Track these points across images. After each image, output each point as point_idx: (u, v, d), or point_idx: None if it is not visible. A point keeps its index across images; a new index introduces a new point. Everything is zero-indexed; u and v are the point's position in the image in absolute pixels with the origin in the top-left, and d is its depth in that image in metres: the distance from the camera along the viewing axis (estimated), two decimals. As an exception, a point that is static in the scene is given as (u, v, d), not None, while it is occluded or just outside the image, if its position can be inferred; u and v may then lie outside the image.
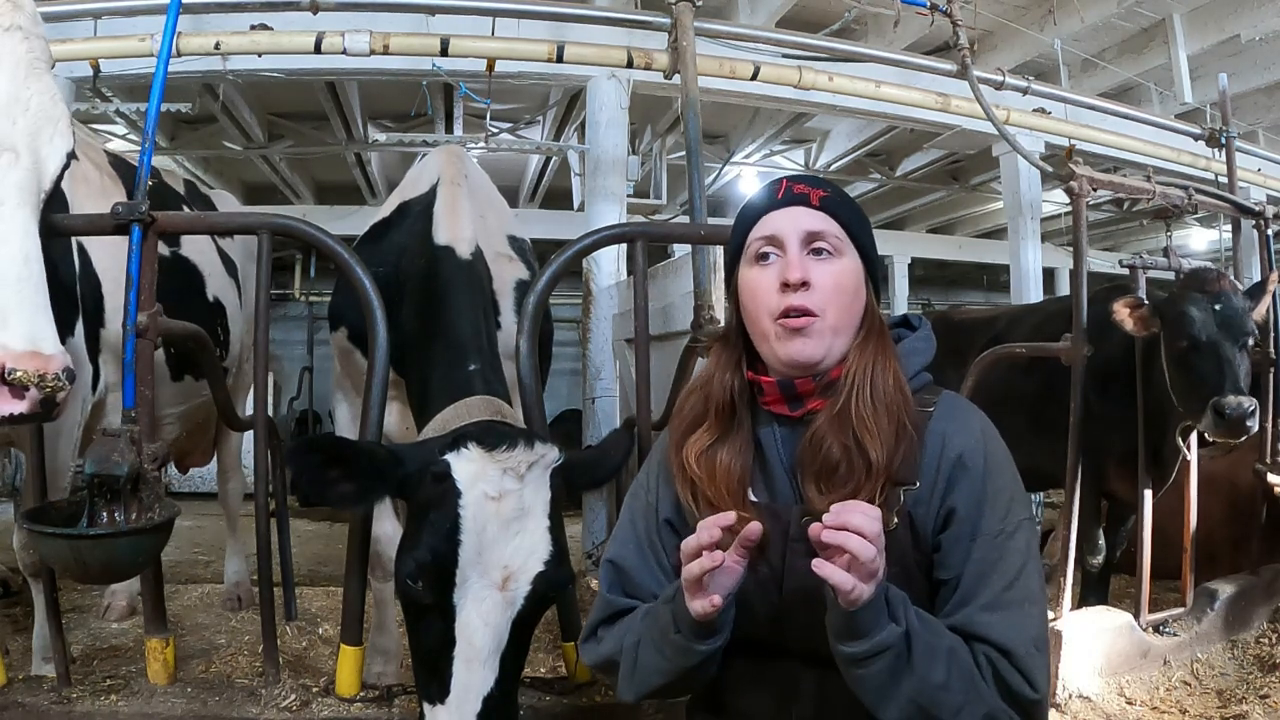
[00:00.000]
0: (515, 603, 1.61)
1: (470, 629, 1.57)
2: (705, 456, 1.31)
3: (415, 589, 1.61)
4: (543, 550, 1.64)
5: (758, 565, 1.26)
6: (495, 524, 1.61)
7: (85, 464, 2.04)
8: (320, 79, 5.67)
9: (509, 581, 1.60)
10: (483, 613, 1.58)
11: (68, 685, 2.23)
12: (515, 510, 1.63)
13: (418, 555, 1.62)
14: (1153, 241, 11.15)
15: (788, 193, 1.31)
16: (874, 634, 1.10)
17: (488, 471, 1.63)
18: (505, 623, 1.59)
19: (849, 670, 1.14)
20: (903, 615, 1.13)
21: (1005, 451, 1.30)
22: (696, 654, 1.20)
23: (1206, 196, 3.29)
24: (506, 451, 1.65)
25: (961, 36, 3.93)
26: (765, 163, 8.29)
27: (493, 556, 1.60)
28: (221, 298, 3.48)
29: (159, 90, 2.30)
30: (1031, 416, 3.36)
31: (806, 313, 1.24)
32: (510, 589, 1.60)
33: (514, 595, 1.60)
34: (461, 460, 1.65)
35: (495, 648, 1.58)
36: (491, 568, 1.59)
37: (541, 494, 1.68)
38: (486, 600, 1.58)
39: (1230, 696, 2.86)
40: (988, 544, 1.21)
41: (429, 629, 1.62)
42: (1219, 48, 5.99)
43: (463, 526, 1.59)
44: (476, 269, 2.41)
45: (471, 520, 1.60)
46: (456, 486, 1.63)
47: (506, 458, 1.65)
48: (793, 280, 1.24)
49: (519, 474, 1.65)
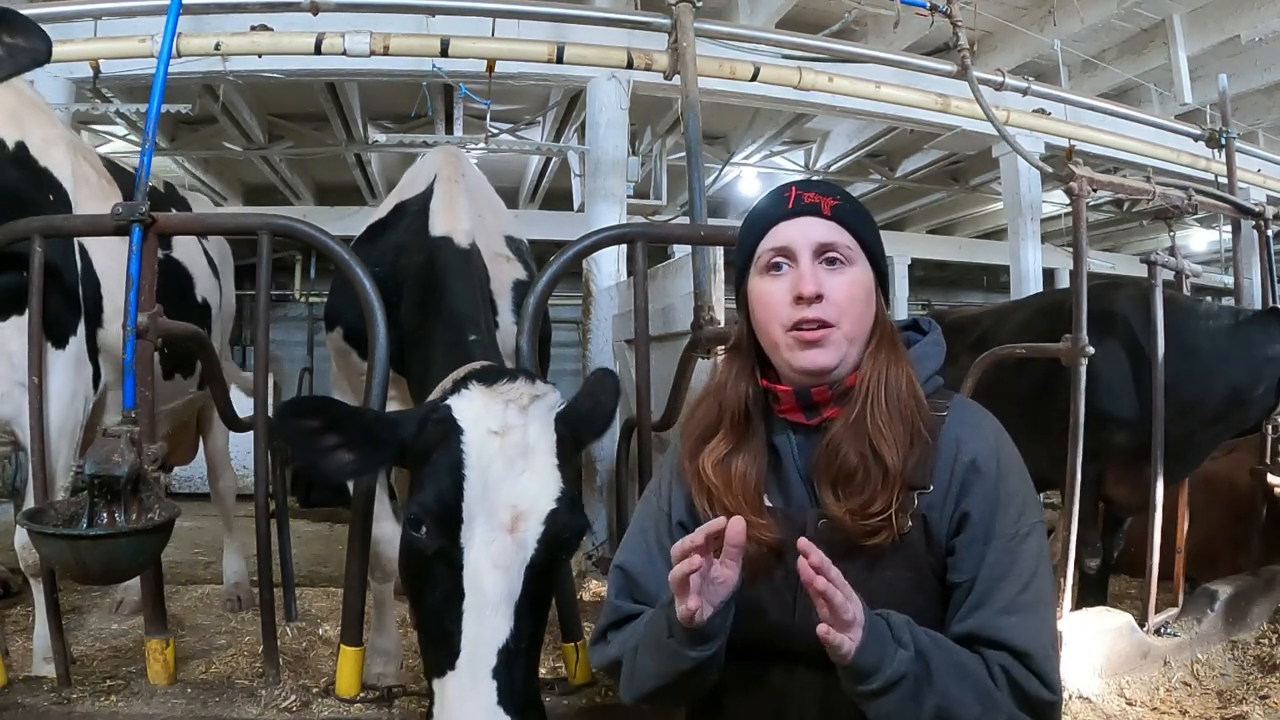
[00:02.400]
0: (527, 545, 1.50)
1: (480, 574, 1.47)
2: (721, 465, 1.31)
3: (419, 538, 1.52)
4: (552, 489, 1.55)
5: (773, 570, 1.26)
6: (500, 461, 1.53)
7: (85, 464, 2.05)
8: (320, 80, 5.67)
9: (519, 522, 1.51)
10: (492, 555, 1.48)
11: (68, 685, 2.23)
12: (520, 446, 1.56)
13: (421, 498, 1.53)
14: (1153, 242, 11.14)
15: (798, 202, 1.30)
16: (884, 668, 1.10)
17: (490, 407, 1.58)
18: (518, 566, 1.49)
19: (868, 705, 1.13)
20: (909, 638, 1.13)
21: (1017, 455, 1.30)
22: (688, 659, 1.20)
23: (1206, 197, 3.29)
24: (508, 384, 1.61)
25: (961, 37, 3.93)
26: (765, 163, 8.29)
27: (499, 495, 1.51)
28: (209, 299, 3.51)
29: (159, 91, 2.30)
30: (1023, 416, 3.33)
31: (823, 324, 1.24)
32: (521, 530, 1.51)
33: (524, 537, 1.51)
34: (462, 400, 1.60)
35: (508, 595, 1.47)
36: (499, 508, 1.51)
37: (547, 432, 1.60)
38: (495, 542, 1.49)
39: (1230, 697, 2.86)
40: (1001, 548, 1.22)
41: (436, 585, 1.53)
42: (1219, 48, 5.99)
43: (466, 463, 1.52)
44: (474, 259, 2.41)
45: (475, 457, 1.53)
46: (458, 425, 1.57)
47: (509, 389, 1.60)
48: (807, 294, 1.24)
49: (521, 406, 1.59)
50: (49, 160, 2.57)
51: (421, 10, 4.49)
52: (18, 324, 2.35)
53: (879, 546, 1.22)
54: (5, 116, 2.53)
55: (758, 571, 1.25)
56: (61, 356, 2.45)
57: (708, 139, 7.51)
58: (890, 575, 1.23)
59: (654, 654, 1.25)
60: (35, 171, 2.52)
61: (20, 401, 2.37)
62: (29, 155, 2.52)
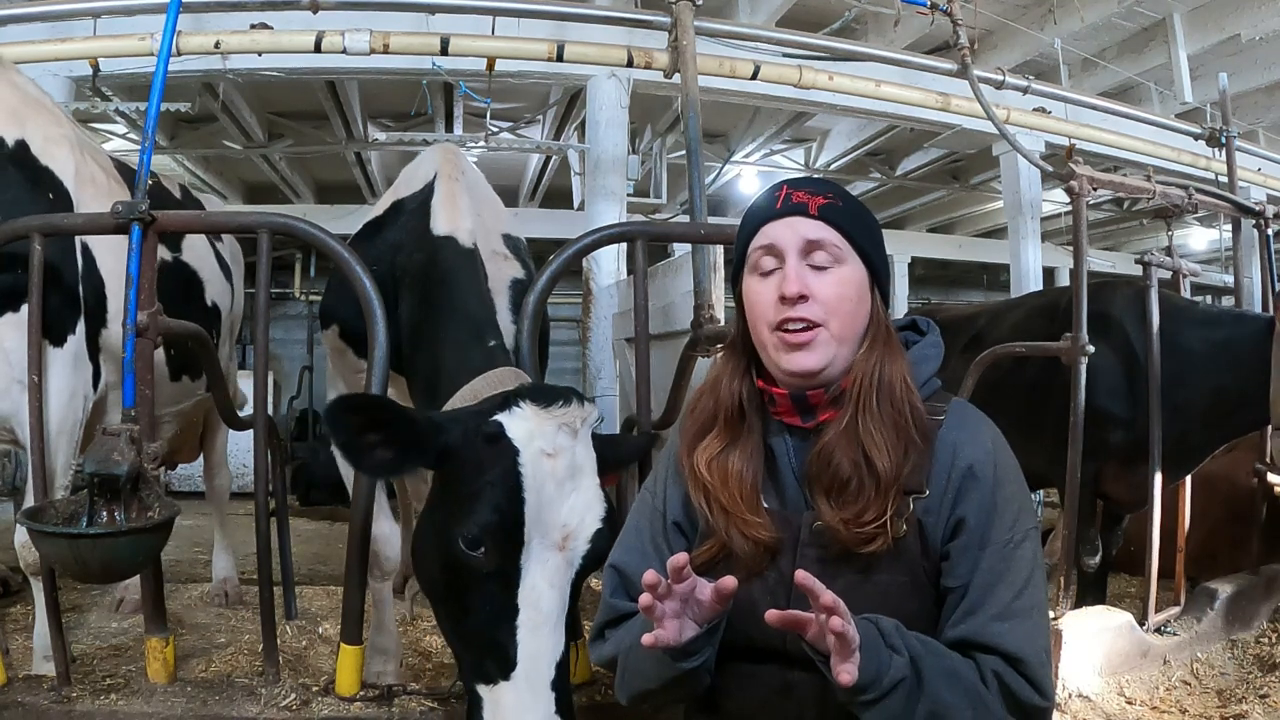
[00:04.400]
0: (574, 563, 1.57)
1: (536, 593, 1.53)
2: (717, 462, 1.31)
3: (476, 557, 1.54)
4: (598, 507, 1.61)
5: (766, 570, 1.26)
6: (552, 482, 1.57)
7: (85, 463, 2.05)
8: (320, 78, 5.66)
9: (568, 541, 1.57)
10: (547, 575, 1.54)
11: (68, 684, 2.23)
12: (569, 468, 1.60)
13: (481, 518, 1.54)
14: (1153, 241, 11.13)
15: (786, 201, 1.29)
16: (882, 678, 1.09)
17: (544, 428, 1.60)
18: (567, 584, 1.56)
19: (862, 711, 1.13)
20: (902, 643, 1.12)
21: (1014, 462, 1.30)
22: (675, 669, 1.20)
23: (1206, 196, 3.29)
24: (562, 408, 1.63)
25: (962, 36, 3.93)
26: (765, 162, 8.29)
27: (552, 516, 1.56)
28: (219, 301, 3.51)
29: (159, 89, 2.30)
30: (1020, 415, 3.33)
31: (809, 324, 1.24)
32: (569, 549, 1.57)
33: (573, 555, 1.57)
34: (515, 419, 1.61)
35: (561, 611, 1.55)
36: (551, 528, 1.56)
37: (590, 452, 1.65)
38: (550, 562, 1.54)
39: (1230, 696, 2.86)
40: (996, 554, 1.22)
41: (485, 602, 1.55)
42: (1219, 47, 5.98)
43: (524, 485, 1.55)
44: (477, 259, 2.40)
45: (531, 479, 1.56)
46: (513, 445, 1.58)
47: (563, 413, 1.62)
48: (789, 294, 1.23)
49: (574, 429, 1.62)
50: (50, 159, 2.56)
51: (421, 8, 4.50)
52: (13, 321, 2.35)
53: (874, 551, 1.21)
54: (6, 115, 2.52)
55: (752, 571, 1.25)
56: (60, 355, 2.45)
57: (708, 137, 7.50)
58: (885, 580, 1.23)
59: (643, 660, 1.24)
60: (35, 170, 2.52)
61: (19, 400, 2.37)
62: (29, 154, 2.52)
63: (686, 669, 1.20)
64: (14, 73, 2.74)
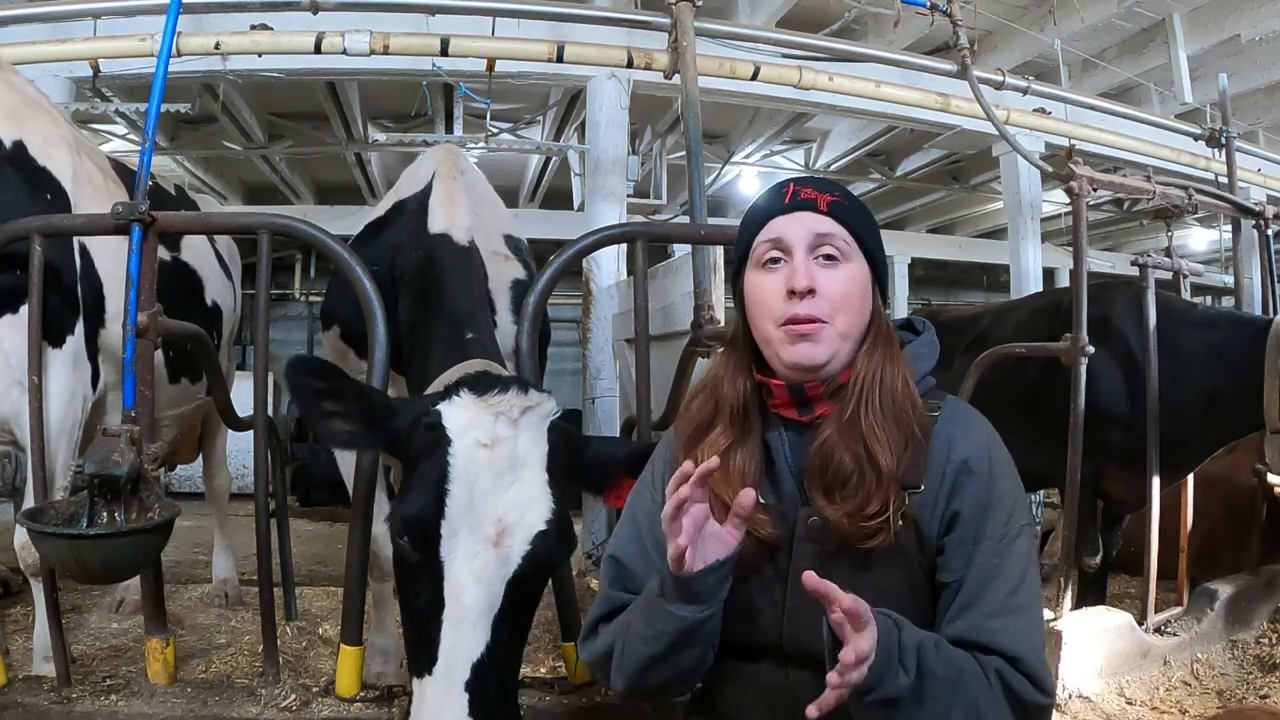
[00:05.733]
0: (510, 560, 1.50)
1: (460, 587, 1.48)
2: (719, 459, 1.31)
3: (403, 545, 1.53)
4: (542, 506, 1.54)
5: (763, 567, 1.26)
6: (488, 474, 1.53)
7: (85, 464, 2.04)
8: (320, 79, 5.67)
9: (503, 537, 1.50)
10: (474, 569, 1.48)
11: (68, 685, 2.23)
12: (509, 459, 1.55)
13: (405, 508, 1.53)
14: (1153, 241, 11.14)
15: (795, 197, 1.29)
16: (882, 687, 1.09)
17: (480, 418, 1.56)
18: (499, 581, 1.49)
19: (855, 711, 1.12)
20: (914, 662, 1.11)
21: (1009, 457, 1.30)
22: (678, 619, 1.18)
23: (1206, 196, 3.29)
24: (498, 395, 1.59)
25: (961, 36, 3.93)
26: (765, 163, 8.29)
27: (485, 509, 1.51)
28: (219, 301, 3.51)
29: (159, 90, 2.30)
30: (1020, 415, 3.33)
31: (815, 320, 1.24)
32: (505, 545, 1.50)
33: (509, 552, 1.50)
34: (454, 408, 1.59)
35: (487, 608, 1.47)
36: (484, 521, 1.50)
37: (539, 445, 1.59)
38: (479, 556, 1.48)
39: (1230, 696, 2.86)
40: (991, 549, 1.22)
41: (419, 592, 1.53)
42: (1219, 48, 5.99)
43: (452, 476, 1.51)
44: (473, 257, 2.40)
45: (462, 469, 1.52)
46: (447, 435, 1.56)
47: (498, 401, 1.58)
48: (799, 288, 1.23)
49: (511, 419, 1.57)
50: (48, 160, 2.57)
51: (421, 9, 4.49)
52: (12, 323, 2.35)
53: (873, 547, 1.21)
54: (4, 115, 2.52)
55: (749, 568, 1.25)
56: (59, 356, 2.45)
57: (708, 138, 7.51)
58: (881, 575, 1.22)
59: (646, 621, 1.23)
60: (33, 171, 2.52)
61: (18, 400, 2.37)
62: (27, 154, 2.52)
63: (691, 619, 1.18)
64: (11, 73, 2.74)
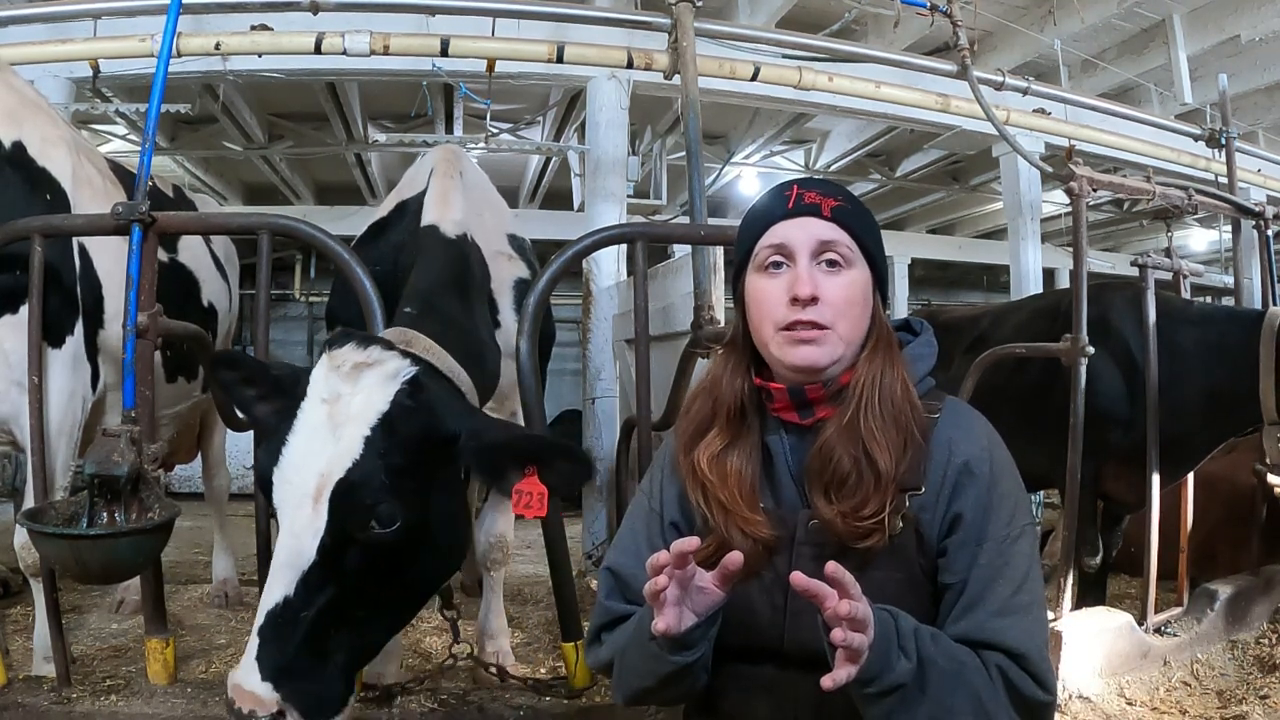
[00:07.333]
0: (321, 515, 1.48)
1: (280, 541, 1.50)
2: (716, 461, 1.30)
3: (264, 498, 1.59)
4: (347, 460, 1.50)
5: (763, 570, 1.26)
6: (323, 430, 1.53)
7: (85, 464, 2.05)
8: (320, 79, 5.67)
9: (321, 492, 1.49)
10: (289, 521, 1.50)
11: (68, 685, 2.23)
12: (345, 415, 1.54)
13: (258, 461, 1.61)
14: (1153, 242, 11.14)
15: (799, 201, 1.29)
16: (884, 676, 1.09)
17: (328, 375, 1.58)
18: (311, 535, 1.47)
19: (861, 706, 1.13)
20: (913, 648, 1.12)
21: (1009, 458, 1.30)
22: (670, 664, 1.20)
23: (1206, 197, 3.29)
24: (337, 349, 1.60)
25: (961, 37, 3.93)
26: (765, 163, 8.29)
27: (311, 464, 1.51)
28: (215, 302, 3.52)
29: (159, 90, 2.30)
30: (1020, 415, 3.33)
31: (817, 327, 1.24)
32: (321, 500, 1.49)
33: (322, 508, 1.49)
34: (318, 367, 1.62)
35: (292, 562, 1.46)
36: (309, 475, 1.50)
37: (374, 402, 1.56)
38: (301, 510, 1.49)
39: (1230, 697, 2.86)
40: (994, 550, 1.22)
41: None
42: (1219, 48, 5.99)
43: (294, 429, 1.55)
44: (460, 248, 2.39)
45: (301, 424, 1.55)
46: (304, 391, 1.60)
47: (338, 355, 1.59)
48: (802, 295, 1.23)
49: (344, 373, 1.57)
50: (47, 160, 2.57)
51: (421, 10, 4.49)
52: (12, 323, 2.35)
53: (870, 548, 1.21)
54: (3, 116, 2.53)
55: (749, 571, 1.24)
56: (59, 356, 2.45)
57: (708, 139, 7.51)
58: (881, 576, 1.22)
59: (639, 656, 1.24)
60: (32, 171, 2.52)
61: (17, 401, 2.38)
62: (26, 155, 2.52)
63: (682, 663, 1.19)
64: (10, 74, 2.74)
